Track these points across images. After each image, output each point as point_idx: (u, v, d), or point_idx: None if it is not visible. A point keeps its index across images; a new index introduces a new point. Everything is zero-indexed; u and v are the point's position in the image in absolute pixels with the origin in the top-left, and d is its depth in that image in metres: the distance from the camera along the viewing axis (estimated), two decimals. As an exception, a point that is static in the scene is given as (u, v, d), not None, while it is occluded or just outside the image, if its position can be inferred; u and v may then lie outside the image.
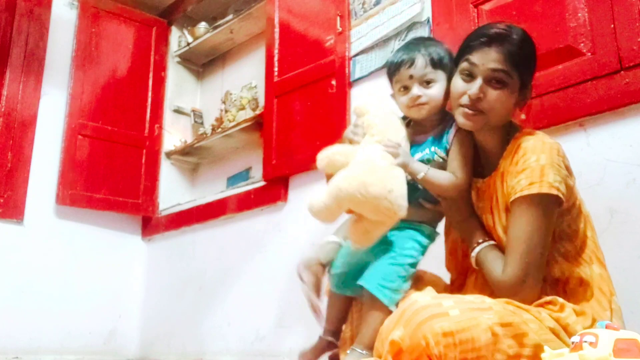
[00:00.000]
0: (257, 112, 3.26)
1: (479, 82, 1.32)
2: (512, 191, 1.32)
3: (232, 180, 3.41)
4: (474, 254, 1.40)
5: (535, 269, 1.29)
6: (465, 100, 1.35)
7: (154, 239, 3.55)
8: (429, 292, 1.23)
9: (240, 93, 3.51)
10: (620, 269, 1.53)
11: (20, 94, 3.22)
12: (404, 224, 1.43)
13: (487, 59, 1.32)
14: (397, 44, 2.39)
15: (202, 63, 3.94)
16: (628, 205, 1.67)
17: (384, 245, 1.44)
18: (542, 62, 1.87)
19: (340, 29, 2.61)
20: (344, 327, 1.60)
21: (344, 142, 1.49)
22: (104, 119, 3.45)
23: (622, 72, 1.71)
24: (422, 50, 1.44)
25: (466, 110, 1.35)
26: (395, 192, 1.34)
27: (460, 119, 1.37)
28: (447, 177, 1.42)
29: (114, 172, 3.44)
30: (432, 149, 1.47)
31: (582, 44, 1.81)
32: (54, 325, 3.16)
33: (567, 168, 1.34)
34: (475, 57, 1.34)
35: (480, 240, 1.40)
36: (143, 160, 3.55)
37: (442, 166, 1.45)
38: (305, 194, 2.70)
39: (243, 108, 3.44)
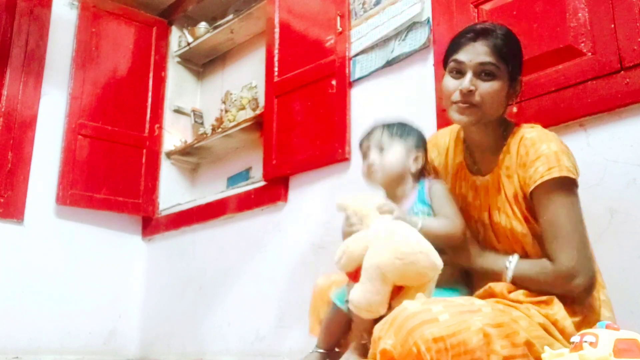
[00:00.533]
0: (257, 112, 3.25)
1: (469, 76, 1.35)
2: (531, 181, 1.33)
3: (232, 180, 3.41)
4: (510, 277, 1.34)
5: (585, 248, 1.30)
6: (457, 96, 1.37)
7: (154, 239, 3.55)
8: (419, 299, 1.23)
9: (241, 93, 3.50)
10: (620, 269, 1.53)
11: (20, 94, 3.22)
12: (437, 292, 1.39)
13: (475, 53, 1.35)
14: (397, 44, 2.39)
15: (202, 63, 3.94)
16: (628, 206, 1.67)
17: None
18: (543, 62, 1.88)
19: (341, 29, 2.61)
20: None
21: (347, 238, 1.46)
22: (104, 119, 3.45)
23: (622, 72, 1.71)
24: (381, 125, 1.53)
25: (460, 105, 1.36)
26: (422, 241, 1.31)
27: (455, 115, 1.39)
28: (445, 222, 1.41)
29: (114, 172, 3.44)
30: (415, 209, 1.47)
31: (582, 44, 1.81)
32: (54, 325, 3.16)
33: (573, 156, 1.37)
34: (462, 55, 1.37)
35: (508, 262, 1.36)
36: (143, 160, 3.55)
37: None
38: (306, 194, 2.70)
39: (243, 108, 3.44)
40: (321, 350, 1.59)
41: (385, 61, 2.43)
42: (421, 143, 1.54)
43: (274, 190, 2.83)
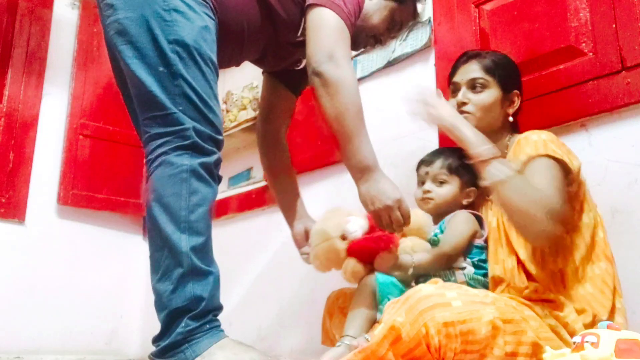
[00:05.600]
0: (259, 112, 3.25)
1: (462, 91, 1.54)
2: (522, 164, 1.40)
3: (233, 180, 3.41)
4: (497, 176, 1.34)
5: (558, 201, 1.32)
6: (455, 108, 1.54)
7: (156, 239, 3.55)
8: (434, 283, 1.25)
9: (242, 93, 3.51)
10: (621, 269, 1.53)
11: (21, 94, 3.22)
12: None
13: (467, 71, 1.56)
14: (398, 44, 2.39)
15: (204, 63, 3.93)
16: (630, 206, 1.67)
17: None
18: (544, 62, 1.88)
19: (342, 29, 2.61)
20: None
21: None
22: (106, 119, 3.45)
23: (623, 72, 1.71)
24: (443, 155, 1.64)
25: None
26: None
27: None
28: (433, 250, 1.56)
29: (115, 172, 3.44)
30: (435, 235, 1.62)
31: (583, 44, 1.81)
32: (56, 325, 3.16)
33: (570, 152, 1.42)
34: (457, 77, 1.58)
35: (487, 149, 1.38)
36: (144, 161, 3.54)
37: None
38: (307, 194, 2.69)
39: (244, 108, 3.44)
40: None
41: (387, 61, 2.43)
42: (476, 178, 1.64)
43: (275, 190, 2.82)
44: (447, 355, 1.13)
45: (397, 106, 2.36)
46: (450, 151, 1.65)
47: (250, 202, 2.97)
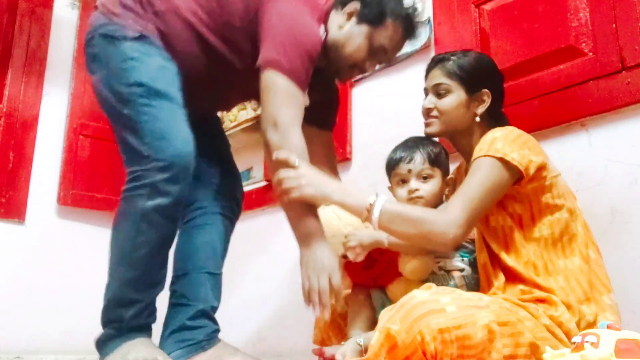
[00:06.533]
0: (259, 112, 3.25)
1: (429, 97, 1.58)
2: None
3: (234, 180, 3.41)
4: (377, 213, 1.40)
5: (474, 216, 1.36)
6: (423, 113, 1.59)
7: (156, 239, 3.55)
8: (428, 288, 1.24)
9: (242, 93, 3.51)
10: (621, 268, 1.53)
11: (21, 94, 3.22)
12: None
13: (432, 77, 1.58)
14: (398, 44, 2.39)
15: (204, 63, 3.93)
16: (630, 205, 1.67)
17: None
18: (544, 62, 1.88)
19: (342, 29, 2.61)
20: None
21: None
22: (105, 119, 3.38)
23: (623, 72, 1.71)
24: (420, 148, 1.59)
25: (425, 121, 1.58)
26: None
27: (424, 129, 1.58)
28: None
29: (115, 172, 3.43)
30: None
31: (583, 44, 1.81)
32: (56, 325, 3.17)
33: (532, 148, 1.40)
34: (426, 83, 1.61)
35: (373, 199, 1.42)
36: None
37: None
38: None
39: (244, 108, 3.43)
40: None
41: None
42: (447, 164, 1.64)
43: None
44: (444, 362, 1.12)
45: (397, 106, 2.37)
46: (422, 141, 1.61)
47: (250, 202, 2.97)
